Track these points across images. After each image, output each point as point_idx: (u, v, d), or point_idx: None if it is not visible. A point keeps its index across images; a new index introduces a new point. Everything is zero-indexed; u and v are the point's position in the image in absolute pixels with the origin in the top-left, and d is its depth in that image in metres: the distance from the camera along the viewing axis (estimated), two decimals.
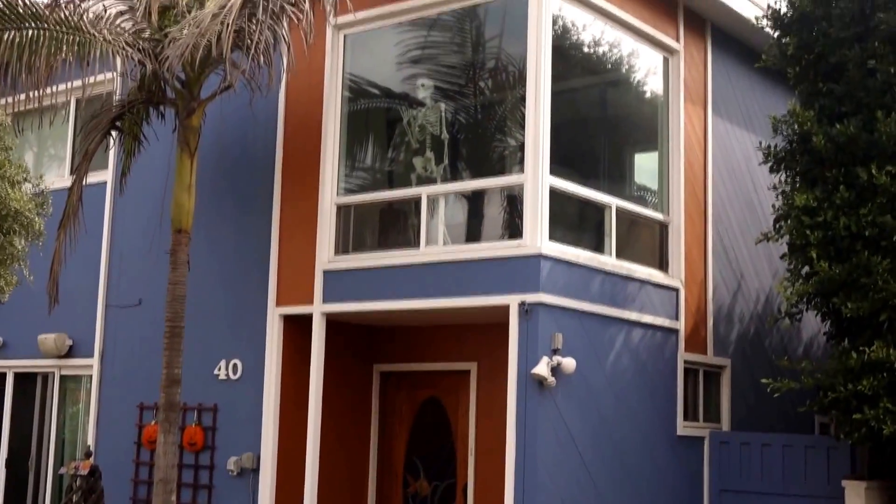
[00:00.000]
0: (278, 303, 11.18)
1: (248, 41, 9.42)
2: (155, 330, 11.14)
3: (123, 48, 9.69)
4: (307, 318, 10.96)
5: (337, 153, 11.01)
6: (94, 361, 12.70)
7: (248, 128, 11.62)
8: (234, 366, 11.46)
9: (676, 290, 11.27)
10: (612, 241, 10.59)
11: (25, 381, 13.50)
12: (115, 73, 10.94)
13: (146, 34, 10.21)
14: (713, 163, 11.98)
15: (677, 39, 11.64)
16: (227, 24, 9.19)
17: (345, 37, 11.17)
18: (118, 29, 9.96)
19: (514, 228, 10.08)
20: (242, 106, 10.55)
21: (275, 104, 11.43)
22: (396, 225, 11.03)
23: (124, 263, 12.68)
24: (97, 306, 12.76)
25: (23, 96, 9.26)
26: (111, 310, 12.66)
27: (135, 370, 12.28)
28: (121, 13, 10.23)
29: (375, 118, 11.54)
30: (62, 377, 13.23)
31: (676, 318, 11.23)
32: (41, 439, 13.31)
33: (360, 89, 11.35)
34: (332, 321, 11.08)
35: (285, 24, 9.80)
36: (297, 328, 11.17)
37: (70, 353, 13.00)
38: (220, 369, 11.54)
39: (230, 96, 10.37)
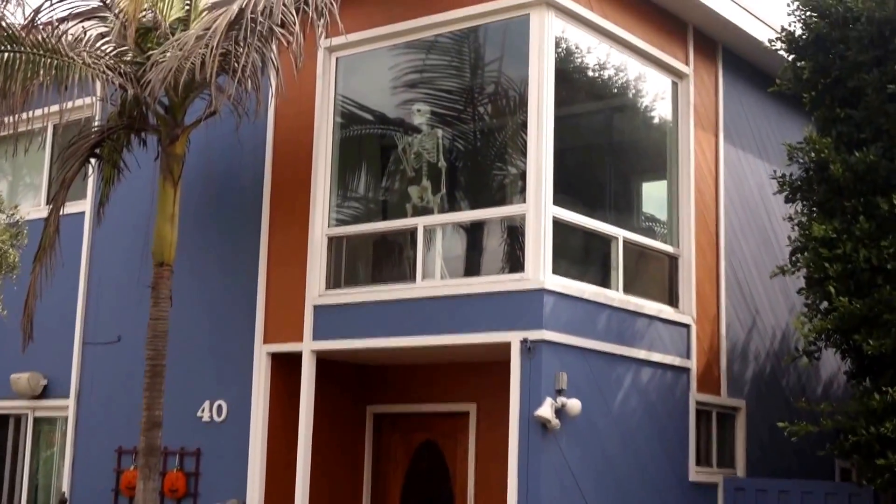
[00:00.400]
0: (266, 340, 11.18)
1: (235, 64, 9.47)
2: (135, 369, 11.11)
3: (103, 72, 9.75)
4: (296, 357, 10.94)
5: (328, 182, 11.03)
6: (70, 402, 12.65)
7: (234, 155, 11.65)
8: (219, 407, 11.43)
9: (687, 327, 11.27)
10: (619, 274, 10.59)
11: None
12: (94, 98, 10.95)
13: (128, 57, 10.27)
14: (725, 192, 12.00)
15: (686, 63, 11.71)
16: (213, 47, 9.26)
17: (337, 60, 11.23)
18: (98, 52, 10.04)
19: (515, 261, 10.09)
20: (229, 132, 10.58)
21: (263, 130, 11.47)
22: (391, 258, 11.03)
23: (103, 298, 12.67)
24: (73, 343, 12.74)
25: None
26: (88, 347, 12.64)
27: (113, 412, 12.23)
28: (101, 35, 10.31)
29: (369, 145, 11.57)
30: (36, 419, 13.17)
31: (688, 356, 11.22)
32: (13, 485, 13.23)
33: (352, 115, 11.38)
34: (323, 359, 11.06)
35: (274, 47, 9.87)
36: (285, 367, 11.15)
37: (44, 394, 12.95)
38: (203, 411, 11.52)
39: (216, 122, 10.40)
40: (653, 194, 11.94)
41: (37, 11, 9.88)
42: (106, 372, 12.46)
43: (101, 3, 10.34)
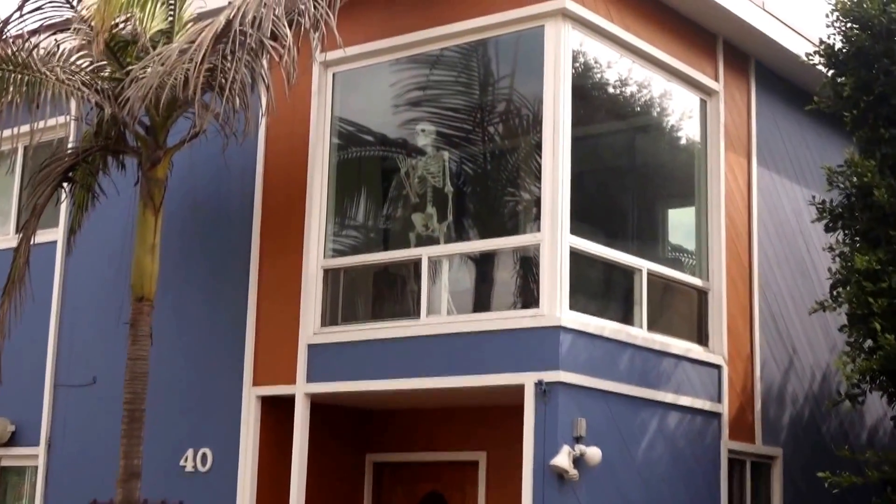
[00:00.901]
0: (255, 382, 11.15)
1: (222, 80, 9.47)
2: (111, 414, 11.04)
3: (79, 88, 9.75)
4: (289, 400, 10.90)
5: (324, 209, 11.03)
6: (40, 451, 12.58)
7: (221, 180, 11.66)
8: (204, 456, 11.38)
9: (718, 368, 11.23)
10: (642, 310, 10.57)
11: None
12: (68, 117, 10.98)
13: (105, 73, 10.28)
14: (758, 220, 12.00)
15: (716, 79, 11.72)
16: (197, 62, 9.25)
17: (333, 76, 11.24)
18: (73, 67, 10.04)
19: (528, 296, 10.07)
20: (215, 155, 10.58)
21: (253, 153, 11.48)
22: (393, 291, 11.03)
23: (76, 336, 12.64)
24: (44, 386, 12.68)
25: None
26: (60, 390, 12.59)
27: (87, 461, 12.17)
28: (76, 49, 10.30)
29: (369, 168, 11.59)
30: (3, 469, 13.09)
31: (719, 399, 11.17)
32: None
33: (350, 135, 11.39)
34: (318, 403, 11.01)
35: (265, 62, 9.87)
36: (277, 412, 11.11)
37: (12, 441, 12.88)
38: (186, 460, 11.46)
39: (201, 144, 10.41)
40: (680, 222, 11.97)
41: (5, 23, 9.89)
42: (79, 417, 12.40)
43: (75, 14, 10.31)
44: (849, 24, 10.86)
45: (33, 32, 10.16)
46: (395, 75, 11.09)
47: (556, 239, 9.76)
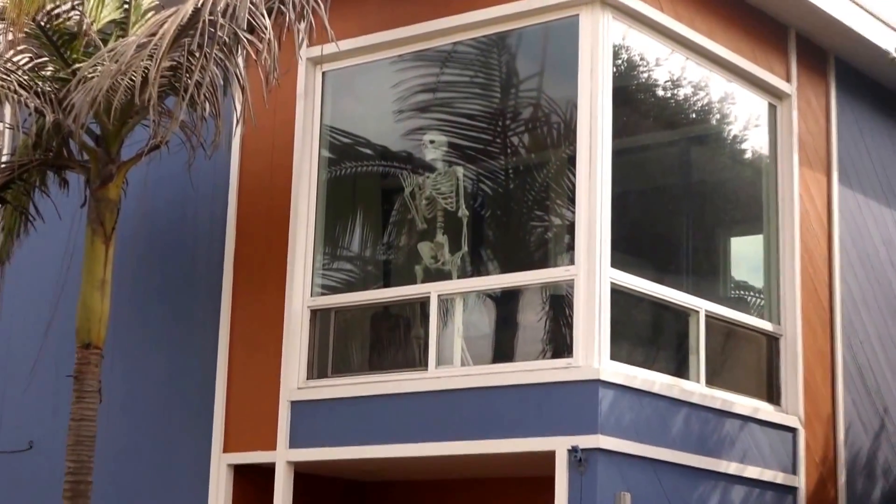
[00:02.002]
0: (227, 447, 11.12)
1: (188, 82, 9.44)
2: (51, 485, 10.97)
3: (14, 91, 9.75)
4: (267, 470, 10.87)
5: (311, 236, 11.01)
6: None
7: (187, 202, 11.67)
8: None
9: (793, 432, 11.18)
10: (700, 360, 10.52)
11: None
12: (1, 126, 10.99)
13: (47, 71, 10.26)
14: (841, 249, 11.97)
15: (788, 79, 11.70)
16: (158, 59, 9.24)
17: (323, 75, 11.24)
18: (8, 65, 10.03)
19: (560, 343, 10.05)
20: (180, 172, 10.54)
21: (225, 169, 11.49)
22: (394, 337, 11.03)
23: (8, 392, 12.62)
24: None
25: None
26: None
27: None
28: (13, 43, 10.29)
29: (366, 187, 11.61)
30: None
31: (794, 470, 11.12)
32: None
33: (344, 148, 11.40)
34: (303, 473, 10.96)
35: (240, 59, 9.87)
36: (252, 483, 11.09)
37: None
38: None
39: (162, 158, 10.41)
40: (744, 253, 11.94)
41: None
42: (12, 489, 12.36)
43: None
44: None
45: None
46: (397, 75, 11.10)
47: (593, 273, 9.69)
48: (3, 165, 10.98)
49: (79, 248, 10.43)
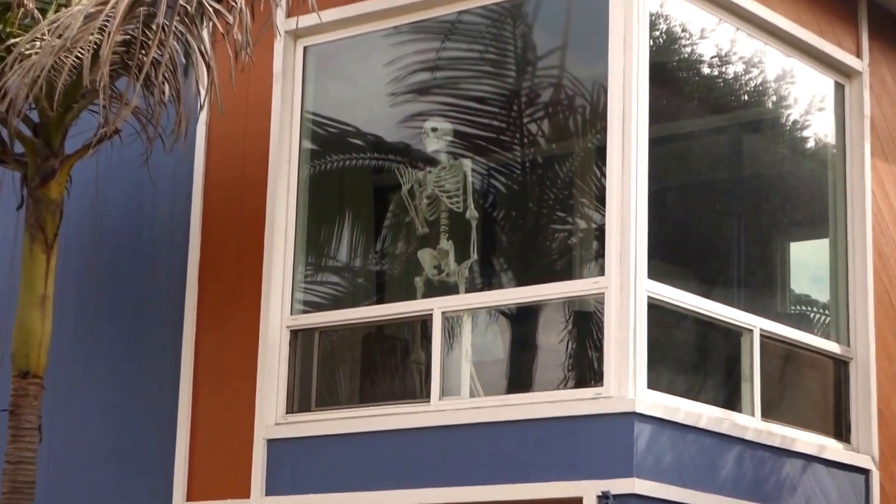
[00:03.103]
0: (190, 496, 11.12)
1: (143, 59, 9.46)
2: None
3: None
4: None
5: (291, 243, 11.03)
6: None
7: (143, 202, 11.71)
8: None
9: (866, 473, 11.16)
10: (754, 389, 10.53)
11: None
12: None
13: None
14: None
15: (858, 54, 11.73)
16: (110, 33, 9.24)
17: (305, 51, 11.26)
18: None
19: (587, 369, 10.08)
20: (134, 167, 10.60)
21: (188, 163, 11.52)
22: (390, 363, 11.06)
23: None
24: None
25: None
26: None
27: None
28: None
29: (355, 185, 11.66)
30: None
31: None
32: None
33: (329, 137, 11.44)
34: None
35: (205, 33, 9.88)
36: None
37: None
38: None
39: (114, 151, 10.44)
40: (806, 261, 11.99)
41: None
42: None
43: None
44: None
45: None
46: (391, 51, 11.13)
47: (627, 286, 9.65)
48: None
49: (16, 257, 10.40)
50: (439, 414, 10.19)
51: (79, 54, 9.34)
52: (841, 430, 11.23)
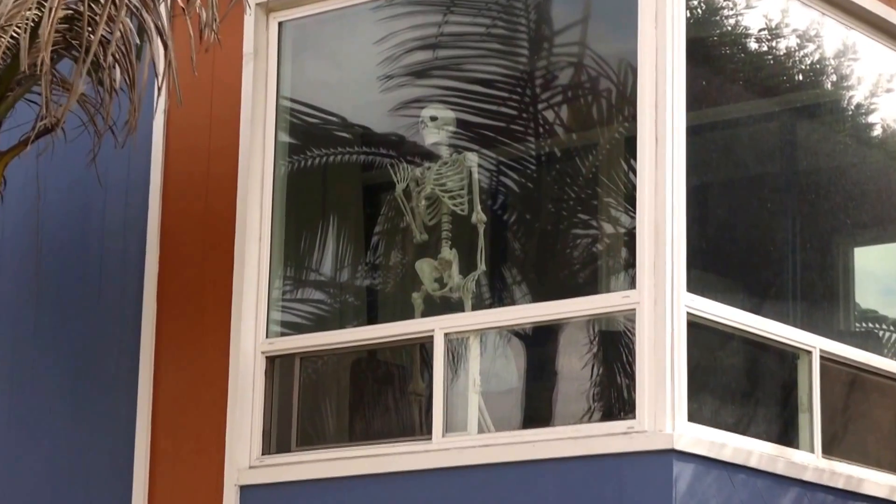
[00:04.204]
0: None
1: (90, 39, 9.44)
2: None
3: None
4: None
5: (266, 254, 11.06)
6: None
7: (91, 207, 11.75)
8: None
9: None
10: (813, 421, 10.53)
11: None
12: None
13: None
14: None
15: None
16: (51, 8, 9.23)
17: (280, 28, 11.30)
18: None
19: (617, 399, 10.12)
20: (80, 165, 10.64)
21: (145, 160, 11.56)
22: (384, 393, 11.11)
23: None
24: None
25: None
26: None
27: None
28: None
29: (340, 184, 11.73)
30: None
31: None
32: None
33: (310, 129, 11.51)
34: None
35: (162, 8, 9.92)
36: None
37: None
38: None
39: (57, 147, 10.44)
40: (874, 270, 12.01)
41: None
42: None
43: None
44: None
45: None
46: (382, 26, 11.16)
47: (662, 300, 9.66)
48: None
49: None
50: (443, 454, 10.19)
51: (14, 33, 9.37)
52: None
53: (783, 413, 10.66)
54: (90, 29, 9.51)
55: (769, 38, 11.19)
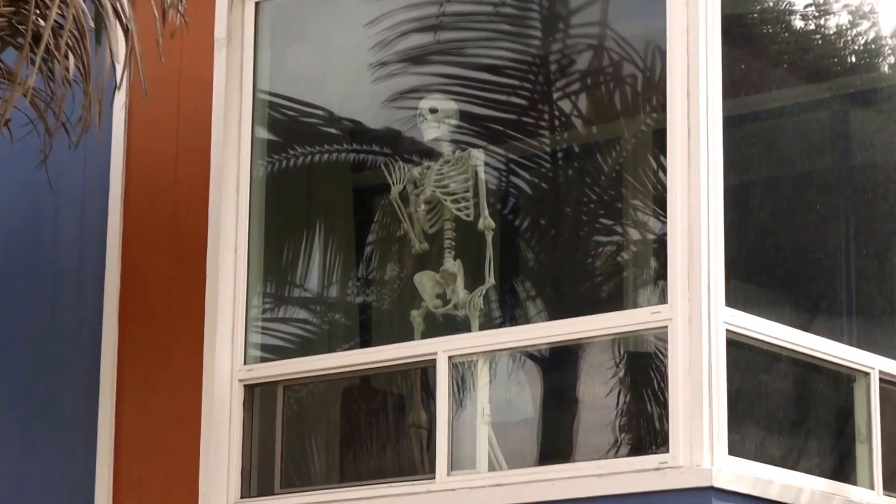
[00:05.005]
0: None
1: (37, 23, 9.50)
2: None
3: None
4: None
5: (243, 267, 11.08)
6: None
7: (41, 214, 11.84)
8: None
9: None
10: (872, 452, 10.53)
11: None
12: None
13: None
14: None
15: None
16: None
17: (257, 9, 11.34)
18: None
19: (647, 430, 10.17)
20: (30, 167, 10.67)
21: (103, 162, 11.65)
22: (380, 427, 11.15)
23: None
24: None
25: None
26: None
27: None
28: None
29: (328, 187, 11.78)
30: None
31: None
32: None
33: (292, 124, 11.58)
34: None
35: None
36: None
37: None
38: None
39: (2, 147, 10.48)
40: None
41: None
42: None
43: None
44: None
45: None
46: (373, 6, 11.22)
47: (698, 316, 9.63)
48: None
49: None
50: (448, 494, 10.20)
51: None
52: None
53: (838, 444, 10.66)
54: (38, 12, 9.56)
55: (817, 14, 11.22)
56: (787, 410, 10.63)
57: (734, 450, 9.67)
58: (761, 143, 10.87)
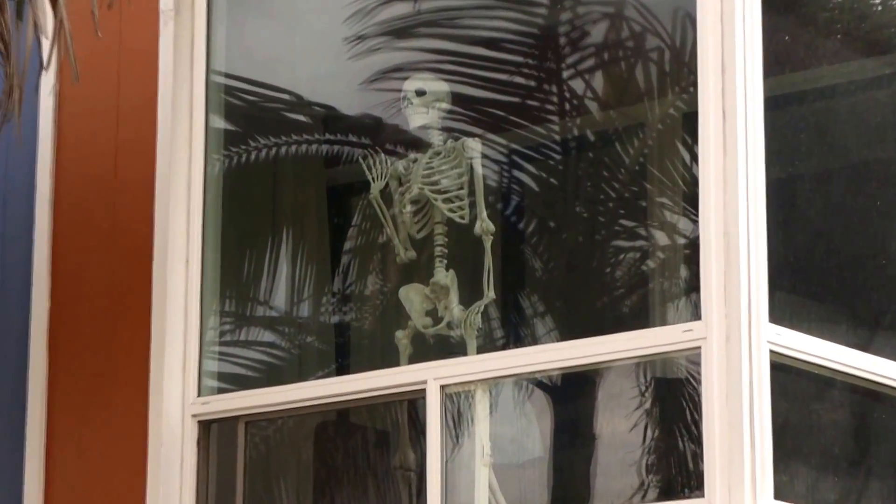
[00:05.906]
0: None
1: None
2: None
3: None
4: None
5: (196, 282, 11.06)
6: None
7: None
8: None
9: None
10: None
11: None
12: None
13: None
14: None
15: None
16: None
17: None
18: None
19: (679, 469, 10.09)
20: None
21: (28, 157, 11.72)
22: (359, 469, 11.19)
23: None
24: None
25: None
26: None
27: None
28: None
29: (296, 186, 11.80)
30: None
31: None
32: None
33: (253, 111, 11.58)
34: None
35: None
36: None
37: None
38: None
39: None
40: None
41: None
42: None
43: None
44: None
45: None
46: None
47: (737, 335, 9.57)
48: None
49: None
50: None
51: None
52: None
53: None
54: None
55: None
56: (843, 446, 10.62)
57: (781, 493, 9.65)
58: (810, 129, 10.84)
